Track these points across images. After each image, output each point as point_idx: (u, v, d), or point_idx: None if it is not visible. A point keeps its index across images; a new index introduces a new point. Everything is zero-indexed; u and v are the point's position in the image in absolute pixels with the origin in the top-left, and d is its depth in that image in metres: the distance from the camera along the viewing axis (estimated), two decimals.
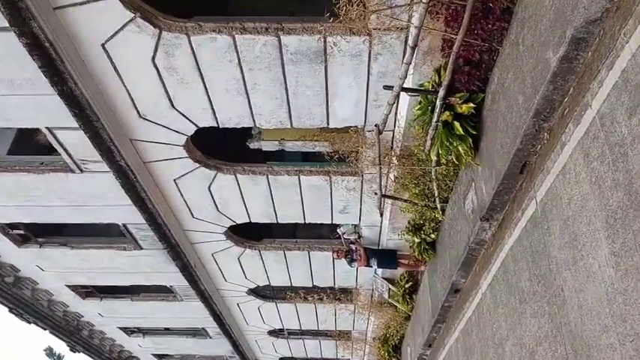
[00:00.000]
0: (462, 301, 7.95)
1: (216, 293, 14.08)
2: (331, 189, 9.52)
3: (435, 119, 6.34)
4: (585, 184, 3.74)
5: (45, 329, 15.70)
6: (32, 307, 14.41)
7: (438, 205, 8.35)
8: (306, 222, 10.65)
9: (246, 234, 11.91)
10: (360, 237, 11.06)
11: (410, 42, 5.20)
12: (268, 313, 15.28)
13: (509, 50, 5.20)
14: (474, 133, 6.14)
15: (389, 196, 8.71)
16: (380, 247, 11.45)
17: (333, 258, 11.59)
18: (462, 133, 6.11)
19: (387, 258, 11.30)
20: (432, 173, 7.52)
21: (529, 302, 4.85)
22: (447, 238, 8.23)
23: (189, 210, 10.32)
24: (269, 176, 9.28)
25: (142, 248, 11.70)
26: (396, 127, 7.87)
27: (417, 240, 9.23)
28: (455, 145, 6.29)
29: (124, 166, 8.59)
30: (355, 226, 10.95)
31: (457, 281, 7.88)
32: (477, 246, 6.79)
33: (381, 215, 9.33)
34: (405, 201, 8.63)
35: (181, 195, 9.79)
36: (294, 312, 15.19)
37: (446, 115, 6.18)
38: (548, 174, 4.45)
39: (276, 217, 10.52)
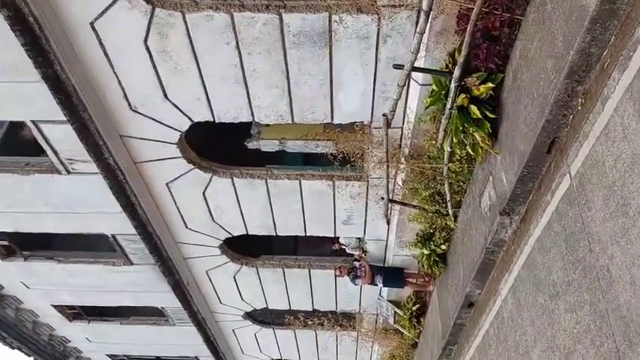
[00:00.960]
0: (477, 315, 7.21)
1: (210, 317, 13.25)
2: (334, 196, 8.90)
3: (448, 105, 5.79)
4: (637, 135, 3.15)
5: (30, 355, 14.81)
6: (16, 329, 13.59)
7: (450, 211, 7.71)
8: (307, 234, 9.98)
9: (244, 250, 11.23)
10: (364, 252, 10.36)
11: (424, 5, 4.69)
12: (265, 340, 14.38)
13: (534, 15, 4.69)
14: (493, 116, 5.57)
15: (396, 202, 8.08)
16: (386, 265, 10.73)
17: (336, 275, 10.84)
18: (479, 116, 5.54)
19: (393, 276, 10.54)
20: (444, 172, 6.92)
21: (563, 296, 4.17)
22: (460, 246, 7.55)
23: (183, 219, 9.68)
24: (268, 181, 8.68)
25: (132, 263, 11.00)
26: (405, 124, 7.32)
27: (426, 252, 8.55)
28: (471, 131, 5.72)
29: (113, 164, 8.02)
30: (359, 240, 10.27)
31: (471, 293, 7.16)
32: (496, 247, 6.12)
33: (388, 223, 8.67)
34: (414, 207, 7.99)
35: (174, 201, 9.18)
36: (292, 340, 14.29)
37: (461, 99, 5.64)
38: (585, 140, 3.86)
39: (275, 229, 9.86)
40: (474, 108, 5.58)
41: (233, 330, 14.01)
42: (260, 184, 8.75)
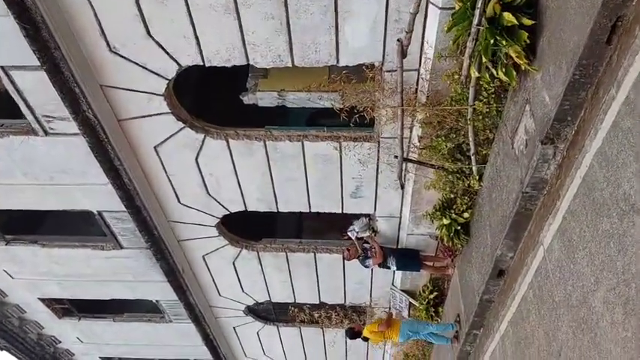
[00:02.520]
0: (508, 284, 6.15)
1: (209, 312, 12.22)
2: (341, 161, 7.93)
3: (475, 21, 4.85)
4: None
5: (18, 357, 13.81)
6: (2, 326, 12.66)
7: (474, 168, 6.71)
8: (312, 210, 9.00)
9: (244, 235, 10.26)
10: (375, 232, 9.32)
11: None
12: (269, 340, 13.28)
13: None
14: (531, 23, 4.62)
15: (412, 160, 7.09)
16: (399, 247, 9.68)
17: (344, 258, 9.66)
18: (515, 22, 4.59)
19: (407, 258, 9.40)
20: (469, 114, 5.95)
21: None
22: (487, 207, 6.53)
23: (175, 192, 8.75)
24: (267, 143, 7.75)
25: (121, 247, 10.07)
26: (422, 63, 6.38)
27: (445, 222, 7.52)
28: (504, 46, 4.75)
29: (93, 119, 7.14)
30: (369, 219, 9.24)
31: (502, 257, 6.12)
32: (534, 191, 5.10)
33: (402, 187, 7.66)
34: (432, 166, 7.00)
35: (164, 169, 8.26)
36: (298, 339, 13.18)
37: (492, 6, 4.70)
38: None
39: (277, 204, 8.89)
40: (507, 15, 4.64)
41: (234, 328, 12.95)
42: (258, 147, 7.81)
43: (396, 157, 7.11)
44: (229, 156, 7.96)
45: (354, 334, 9.03)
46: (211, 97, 8.63)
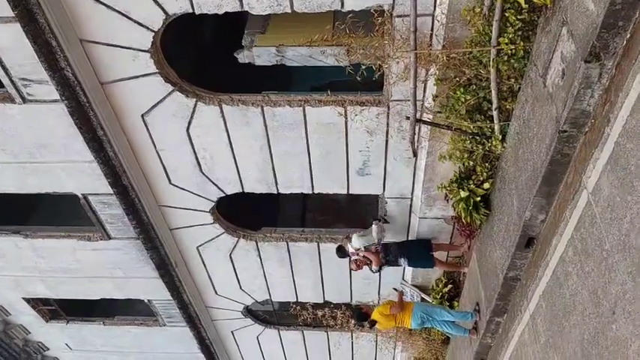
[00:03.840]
0: (538, 254, 5.35)
1: (205, 313, 11.36)
2: (347, 131, 7.21)
3: None
4: None
5: None
6: None
7: (496, 126, 5.97)
8: (315, 191, 8.24)
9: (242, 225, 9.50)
10: (384, 220, 8.46)
11: None
12: (270, 345, 12.36)
13: None
14: None
15: (426, 122, 6.36)
16: (409, 238, 8.87)
17: (351, 269, 8.97)
18: None
19: (419, 256, 8.53)
20: (492, 56, 5.24)
21: None
22: (513, 168, 5.76)
23: (165, 170, 8.03)
24: (265, 110, 7.04)
25: (110, 237, 9.31)
26: (438, 6, 5.70)
27: (463, 194, 6.74)
28: None
29: (72, 79, 6.48)
30: (379, 221, 8.32)
31: (531, 221, 5.33)
32: (573, 130, 4.34)
33: (415, 155, 6.91)
34: (449, 128, 6.25)
35: (153, 143, 7.56)
36: (300, 345, 12.26)
37: None
38: None
39: (276, 184, 8.14)
40: None
41: (232, 332, 12.05)
42: (255, 115, 7.11)
43: (407, 118, 6.38)
44: (223, 126, 7.26)
45: (361, 315, 8.07)
46: (207, 70, 7.98)
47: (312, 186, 8.13)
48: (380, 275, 9.83)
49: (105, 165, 7.52)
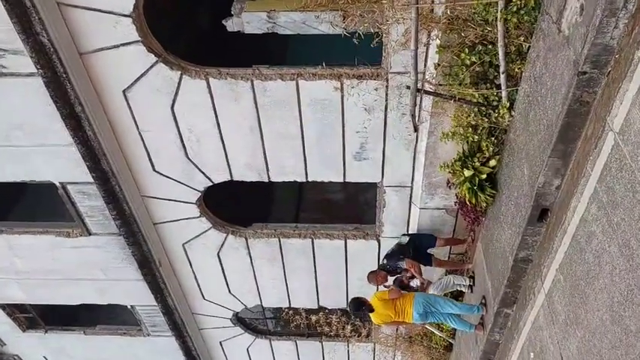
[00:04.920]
0: (553, 225, 4.83)
1: (191, 320, 10.70)
2: (343, 109, 6.75)
3: None
4: None
5: None
6: None
7: (504, 92, 5.53)
8: (309, 179, 7.73)
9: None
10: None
11: None
12: (261, 357, 11.64)
13: None
14: None
15: (428, 92, 5.91)
16: (409, 232, 8.33)
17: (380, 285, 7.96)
18: None
19: (419, 253, 7.98)
20: (499, 5, 4.83)
21: None
22: (523, 136, 5.29)
23: (148, 154, 7.52)
24: (255, 84, 6.59)
25: (90, 233, 8.74)
26: None
27: (468, 174, 6.24)
28: None
29: (48, 46, 6.03)
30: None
31: (545, 188, 4.83)
32: (594, 70, 3.88)
33: (416, 130, 6.42)
34: (452, 98, 5.80)
35: (135, 122, 7.08)
36: (294, 355, 11.55)
37: None
38: None
39: (268, 171, 7.63)
40: None
41: (221, 343, 11.35)
42: (245, 90, 6.65)
43: (408, 87, 5.94)
44: (211, 103, 6.80)
45: (359, 304, 7.29)
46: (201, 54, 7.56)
47: (306, 173, 7.63)
48: None
49: (83, 146, 7.02)
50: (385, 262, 7.75)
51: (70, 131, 6.81)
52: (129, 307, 10.50)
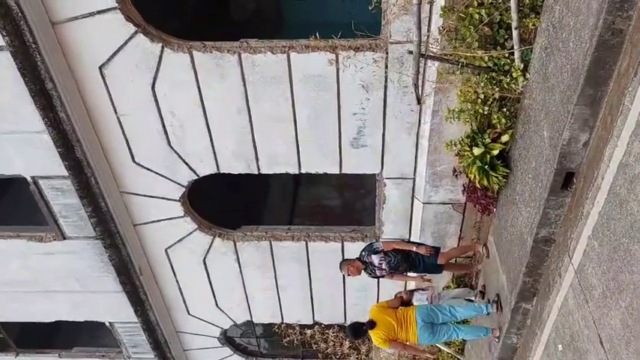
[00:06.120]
0: (581, 190, 4.18)
1: (175, 340, 9.83)
2: (339, 87, 6.19)
3: None
4: None
5: None
6: None
7: (517, 53, 4.98)
8: (302, 170, 7.10)
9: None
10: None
11: None
12: None
13: None
14: None
15: (433, 57, 5.35)
16: (410, 236, 7.62)
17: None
18: None
19: (429, 263, 7.11)
20: None
21: None
22: (540, 96, 4.71)
23: (127, 142, 6.90)
24: (243, 57, 6.05)
25: (64, 237, 8.03)
26: None
27: (477, 151, 5.63)
28: None
29: (15, 8, 5.49)
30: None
31: (571, 146, 4.21)
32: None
33: (419, 102, 5.81)
34: (458, 64, 5.25)
35: (111, 103, 6.48)
36: None
37: None
38: None
39: (257, 160, 7.00)
40: None
41: None
42: (232, 65, 6.10)
43: (410, 52, 5.37)
44: (195, 80, 6.23)
45: (358, 327, 6.41)
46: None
47: (299, 163, 7.00)
48: (378, 286, 8.50)
49: (54, 129, 6.41)
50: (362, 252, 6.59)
51: (39, 111, 6.22)
52: (107, 324, 9.65)
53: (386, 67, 5.95)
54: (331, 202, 9.84)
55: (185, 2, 8.52)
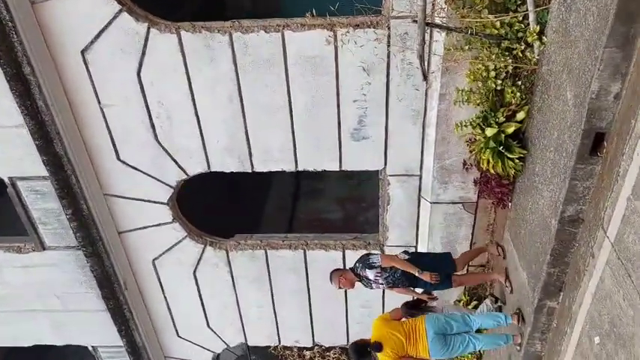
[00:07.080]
0: (615, 151, 3.64)
1: None
2: (337, 69, 5.75)
3: None
4: None
5: None
6: None
7: (532, 15, 4.55)
8: (299, 167, 6.58)
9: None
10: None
11: None
12: None
13: None
14: None
15: (439, 25, 4.92)
16: (417, 245, 7.00)
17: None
18: None
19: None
20: None
21: None
22: (562, 54, 4.23)
23: (111, 138, 6.42)
24: (234, 38, 5.64)
25: (44, 247, 7.47)
26: None
27: (490, 132, 5.12)
28: None
29: None
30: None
31: (600, 99, 3.71)
32: None
33: (425, 79, 5.31)
34: (466, 31, 4.81)
35: (94, 91, 6.04)
36: None
37: None
38: None
39: (251, 156, 6.49)
40: None
41: None
42: (222, 47, 5.69)
43: (415, 20, 4.94)
44: (183, 65, 5.81)
45: (362, 348, 5.73)
46: None
47: (296, 160, 6.49)
48: (383, 301, 7.81)
49: (33, 119, 5.95)
50: (356, 263, 5.86)
51: (16, 98, 5.77)
52: (90, 348, 8.91)
53: (388, 44, 5.51)
54: (332, 216, 9.27)
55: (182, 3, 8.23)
